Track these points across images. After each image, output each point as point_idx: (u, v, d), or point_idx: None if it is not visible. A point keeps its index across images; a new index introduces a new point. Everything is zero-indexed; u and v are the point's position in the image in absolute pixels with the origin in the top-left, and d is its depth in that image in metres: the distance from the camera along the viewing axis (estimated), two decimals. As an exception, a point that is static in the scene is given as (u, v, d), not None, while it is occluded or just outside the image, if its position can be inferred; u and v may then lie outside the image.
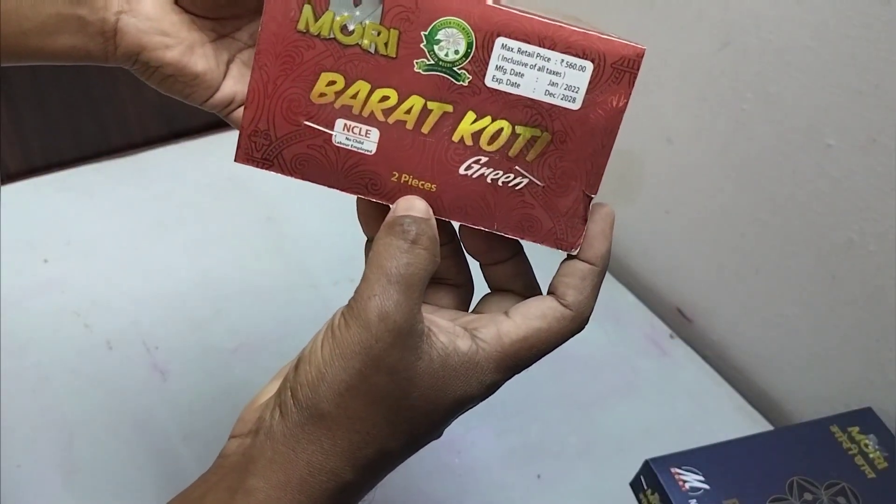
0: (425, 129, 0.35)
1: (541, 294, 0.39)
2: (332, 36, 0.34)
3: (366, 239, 0.41)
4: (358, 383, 0.32)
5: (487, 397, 0.36)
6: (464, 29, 0.33)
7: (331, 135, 0.35)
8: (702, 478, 0.58)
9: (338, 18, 0.33)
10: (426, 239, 0.33)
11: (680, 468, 0.58)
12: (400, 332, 0.32)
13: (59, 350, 0.72)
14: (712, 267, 0.81)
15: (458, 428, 0.72)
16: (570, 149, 0.35)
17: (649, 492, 0.59)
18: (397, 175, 0.36)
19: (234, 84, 0.45)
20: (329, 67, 0.34)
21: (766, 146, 0.70)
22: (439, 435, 0.37)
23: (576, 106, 0.34)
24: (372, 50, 0.34)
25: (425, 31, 0.33)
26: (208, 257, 0.83)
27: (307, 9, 0.33)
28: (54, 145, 0.94)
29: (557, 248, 0.37)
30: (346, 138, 0.35)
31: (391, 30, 0.33)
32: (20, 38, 0.40)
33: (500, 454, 0.71)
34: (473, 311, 0.41)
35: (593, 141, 0.35)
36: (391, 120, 0.35)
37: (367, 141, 0.35)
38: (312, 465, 0.33)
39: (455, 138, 0.35)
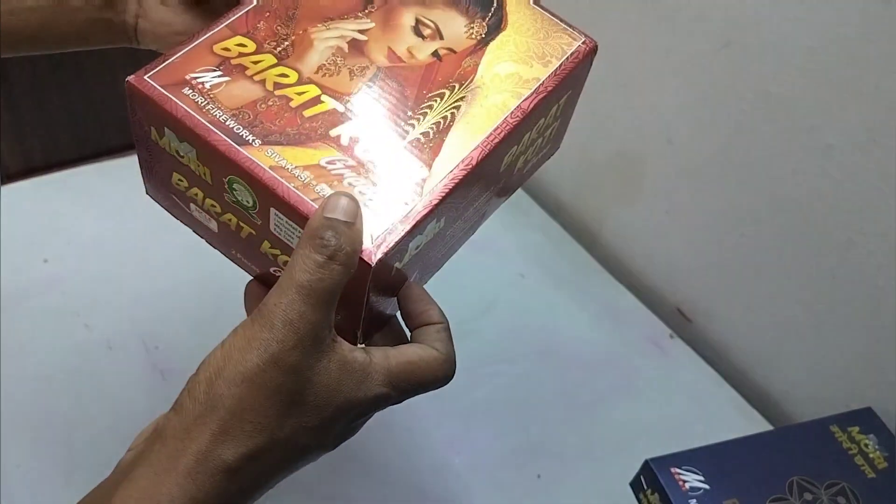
0: (243, 235, 0.40)
1: (404, 333, 0.43)
2: (172, 153, 0.39)
3: None
4: (254, 376, 0.34)
5: (376, 409, 0.38)
6: (248, 190, 0.38)
7: (189, 209, 0.42)
8: (702, 478, 0.58)
9: (173, 144, 0.39)
10: (343, 255, 0.34)
11: (680, 468, 0.58)
12: (303, 338, 0.34)
13: (60, 350, 0.72)
14: (712, 267, 0.81)
15: (459, 427, 0.72)
16: None
17: (649, 492, 0.59)
18: (234, 252, 0.43)
19: None
20: (176, 170, 0.40)
21: (767, 146, 0.70)
22: (331, 446, 0.38)
23: None
24: (198, 174, 0.39)
25: (225, 178, 0.38)
26: (208, 257, 0.82)
27: (153, 130, 0.39)
28: (54, 145, 0.94)
29: None
30: (199, 214, 0.42)
31: (205, 167, 0.39)
32: (61, 40, 0.47)
33: (501, 454, 0.71)
34: None
35: (350, 292, 0.37)
36: (220, 220, 0.41)
37: (210, 224, 0.42)
38: (201, 451, 0.34)
39: (262, 250, 0.40)
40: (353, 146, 0.39)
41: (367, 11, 0.44)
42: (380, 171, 0.38)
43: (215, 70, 0.39)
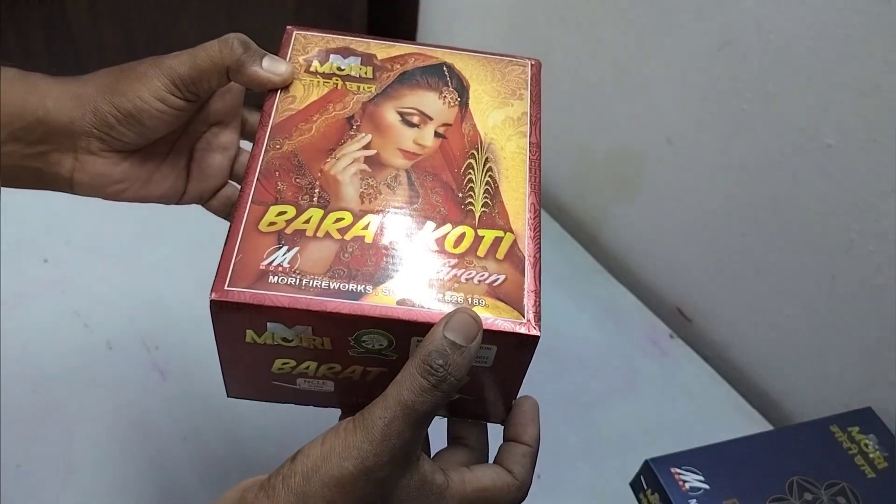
0: (369, 379, 0.41)
1: (487, 443, 0.46)
2: (276, 343, 0.39)
3: None
4: (347, 483, 0.36)
5: None
6: (381, 335, 0.39)
7: (294, 385, 0.42)
8: (702, 478, 0.58)
9: (277, 334, 0.39)
10: (448, 385, 0.36)
11: (680, 468, 0.58)
12: (396, 454, 0.36)
13: (59, 350, 0.72)
14: (712, 267, 0.81)
15: (458, 428, 0.72)
16: (487, 388, 0.43)
17: (649, 492, 0.59)
18: (353, 399, 0.43)
19: (198, 184, 0.50)
20: (281, 356, 0.40)
21: (766, 146, 0.70)
22: None
23: (488, 364, 0.40)
24: (311, 347, 0.39)
25: (351, 336, 0.39)
26: (208, 257, 0.82)
27: (249, 332, 0.39)
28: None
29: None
30: (308, 384, 0.42)
31: (323, 338, 0.39)
32: None
33: (500, 454, 0.71)
34: None
35: (504, 382, 0.42)
36: (341, 377, 0.41)
37: (326, 386, 0.42)
38: None
39: None
40: (443, 245, 0.41)
41: (355, 128, 0.45)
42: (479, 255, 0.41)
43: (280, 247, 0.40)
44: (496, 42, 0.98)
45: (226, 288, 0.39)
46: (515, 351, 0.39)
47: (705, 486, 0.58)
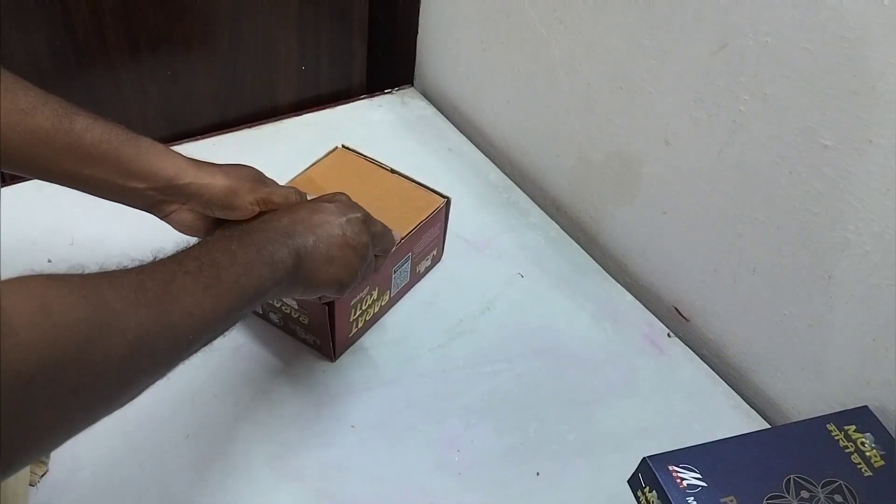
0: None
1: None
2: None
3: None
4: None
5: None
6: None
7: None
8: (699, 476, 0.58)
9: None
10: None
11: (678, 466, 0.59)
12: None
13: (62, 349, 0.73)
14: (709, 267, 0.81)
15: (458, 425, 0.72)
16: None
17: (647, 489, 0.59)
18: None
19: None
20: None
21: (763, 147, 0.71)
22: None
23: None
24: None
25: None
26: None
27: None
28: (56, 146, 0.94)
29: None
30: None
31: None
32: (103, 196, 0.69)
33: (500, 451, 0.71)
34: None
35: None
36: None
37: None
38: None
39: None
40: None
41: None
42: None
43: None
44: (495, 42, 0.99)
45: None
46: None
47: (703, 483, 0.58)
